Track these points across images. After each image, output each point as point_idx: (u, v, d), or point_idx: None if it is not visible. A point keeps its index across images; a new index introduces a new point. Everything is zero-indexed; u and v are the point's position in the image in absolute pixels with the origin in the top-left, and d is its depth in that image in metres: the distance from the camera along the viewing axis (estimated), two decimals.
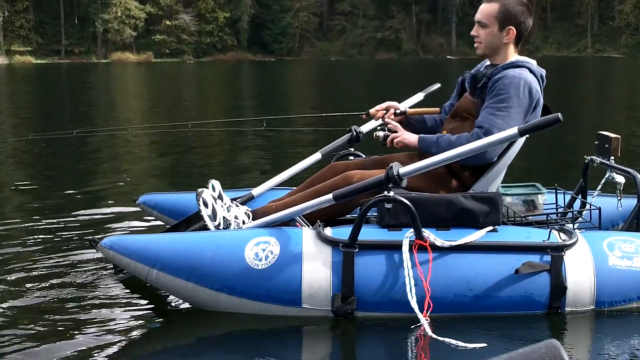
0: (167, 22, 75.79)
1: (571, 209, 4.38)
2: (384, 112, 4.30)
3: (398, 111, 4.28)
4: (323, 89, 27.11)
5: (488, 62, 4.12)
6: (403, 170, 3.50)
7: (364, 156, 4.51)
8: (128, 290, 3.99)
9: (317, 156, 4.70)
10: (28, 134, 8.54)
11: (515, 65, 3.94)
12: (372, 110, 4.36)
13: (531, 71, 3.94)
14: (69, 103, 20.76)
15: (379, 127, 4.25)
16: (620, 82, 30.18)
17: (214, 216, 3.85)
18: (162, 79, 37.11)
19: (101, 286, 4.06)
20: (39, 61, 66.79)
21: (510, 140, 3.62)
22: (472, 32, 4.05)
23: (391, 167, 3.47)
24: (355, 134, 4.56)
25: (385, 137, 4.09)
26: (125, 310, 3.71)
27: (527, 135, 3.66)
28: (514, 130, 3.46)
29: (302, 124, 11.55)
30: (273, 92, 24.77)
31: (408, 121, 4.30)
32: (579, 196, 4.48)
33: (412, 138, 4.00)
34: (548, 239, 3.60)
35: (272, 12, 78.33)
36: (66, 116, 16.22)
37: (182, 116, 15.51)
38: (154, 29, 76.32)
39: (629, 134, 11.27)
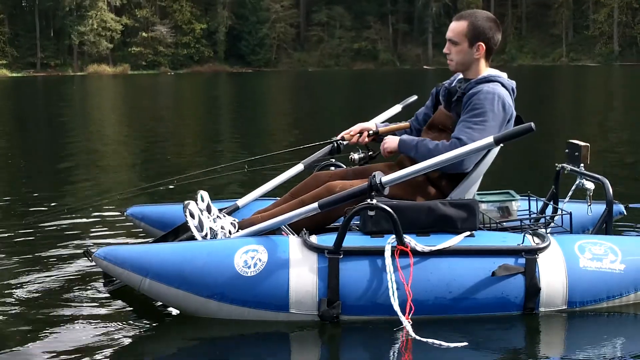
0: (144, 34, 75.74)
1: (544, 215, 4.55)
2: (358, 135, 4.46)
3: (371, 132, 4.44)
4: (301, 100, 27.25)
5: (461, 76, 4.30)
6: (385, 178, 3.67)
7: (344, 166, 4.66)
8: (119, 300, 4.09)
9: (299, 167, 4.86)
10: (7, 148, 8.61)
11: (488, 80, 4.10)
12: (346, 136, 4.49)
13: (503, 85, 4.10)
14: (45, 116, 20.76)
15: (353, 151, 4.42)
16: (594, 90, 30.57)
17: (200, 227, 3.98)
18: (140, 91, 37.08)
19: (92, 296, 4.16)
20: (14, 74, 66.43)
21: (487, 149, 3.79)
22: (445, 50, 4.21)
23: (374, 176, 3.64)
24: (336, 145, 4.72)
25: (361, 159, 4.28)
26: (116, 319, 3.82)
27: (502, 145, 3.85)
28: (490, 139, 3.65)
29: (284, 144, 11.72)
30: (251, 104, 24.89)
31: (380, 139, 4.45)
32: (551, 202, 4.64)
33: (393, 142, 4.17)
34: (522, 243, 3.76)
35: (249, 23, 78.39)
36: (43, 129, 16.24)
37: (160, 130, 15.64)
38: (131, 41, 76.24)
39: (599, 141, 11.53)
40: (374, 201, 3.64)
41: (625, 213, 4.93)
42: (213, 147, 12.21)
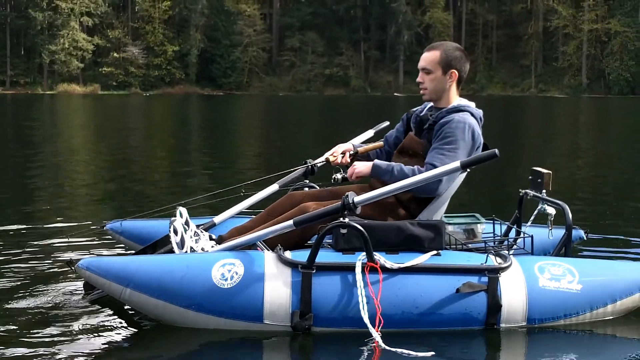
0: (115, 54, 75.49)
1: (507, 237, 4.76)
2: (341, 155, 4.63)
3: (351, 152, 4.62)
4: (273, 124, 27.43)
5: (431, 104, 4.53)
6: (358, 198, 3.87)
7: (318, 187, 4.86)
8: (98, 309, 4.23)
9: (274, 187, 5.06)
10: None
11: (458, 109, 4.33)
12: (330, 157, 4.62)
13: (472, 114, 4.34)
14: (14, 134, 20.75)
15: (334, 171, 4.59)
16: (561, 121, 31.07)
17: (182, 244, 4.17)
18: (112, 111, 37.05)
19: (71, 306, 4.30)
20: None
21: (453, 172, 3.98)
22: (418, 79, 4.42)
23: (347, 195, 3.85)
24: (310, 166, 4.92)
25: (343, 178, 4.47)
26: (95, 328, 3.96)
27: (469, 170, 4.08)
28: (456, 163, 3.86)
29: (258, 166, 11.88)
30: (224, 126, 25.01)
31: (357, 159, 4.65)
32: (515, 226, 4.85)
33: (365, 167, 4.32)
34: (485, 262, 3.98)
35: (221, 46, 78.46)
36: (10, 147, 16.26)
37: (130, 151, 15.75)
38: (102, 61, 75.96)
39: (563, 170, 11.86)
40: (346, 220, 3.85)
41: (585, 238, 5.14)
42: (187, 169, 12.36)
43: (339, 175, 4.47)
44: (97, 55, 76.32)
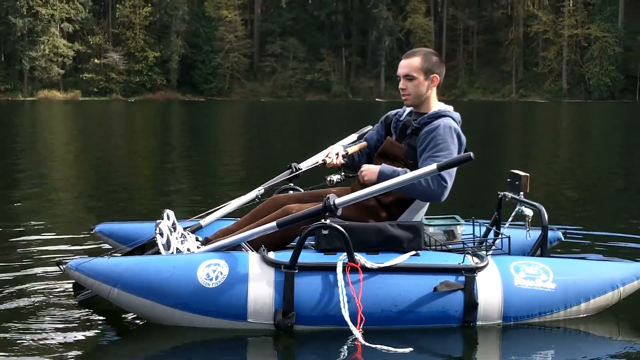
0: (96, 61, 75.29)
1: (486, 238, 4.88)
2: (336, 157, 4.69)
3: (344, 153, 4.71)
4: (255, 129, 27.49)
5: (411, 109, 4.65)
6: (339, 200, 4.00)
7: (302, 190, 4.97)
8: (87, 309, 4.34)
9: (259, 190, 5.17)
10: None
11: (440, 115, 4.48)
12: (327, 159, 4.64)
13: (453, 119, 4.49)
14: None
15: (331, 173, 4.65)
16: (541, 126, 31.37)
17: (168, 246, 4.28)
18: (95, 117, 37.01)
19: (62, 306, 4.41)
20: None
21: (431, 175, 4.10)
22: (401, 86, 4.54)
23: (328, 197, 3.98)
24: (294, 170, 5.04)
25: (338, 180, 4.55)
26: (84, 327, 4.07)
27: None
28: (433, 166, 3.99)
29: (243, 170, 11.95)
30: (206, 131, 25.09)
31: (347, 159, 4.74)
32: (494, 227, 4.99)
33: (372, 174, 4.36)
34: (463, 262, 4.11)
35: (202, 52, 78.40)
36: None
37: (116, 156, 15.80)
38: (82, 67, 75.71)
39: (542, 172, 12.05)
40: (328, 221, 3.97)
41: (563, 239, 5.30)
42: (172, 173, 12.45)
43: (334, 177, 4.53)
44: (77, 62, 76.08)
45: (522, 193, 4.82)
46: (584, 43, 77.47)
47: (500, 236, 4.78)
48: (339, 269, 3.92)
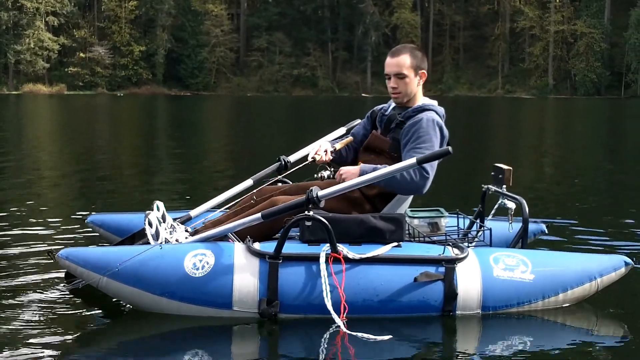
0: (82, 55, 74.93)
1: (468, 230, 4.99)
2: (325, 153, 4.76)
3: (332, 150, 4.80)
4: (243, 124, 27.53)
5: (394, 104, 4.76)
6: (321, 192, 4.11)
7: (291, 183, 5.05)
8: (78, 297, 4.44)
9: (248, 182, 5.24)
10: None
11: (424, 109, 4.59)
12: (317, 157, 4.72)
13: (436, 112, 4.60)
14: None
15: (319, 169, 4.76)
16: (526, 121, 31.57)
17: (156, 236, 4.37)
18: (80, 111, 36.92)
19: (54, 295, 4.51)
20: None
21: (410, 168, 4.21)
22: (392, 85, 4.62)
23: (311, 190, 4.08)
24: (283, 163, 5.12)
25: (329, 176, 4.65)
26: (75, 315, 4.19)
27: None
28: (412, 160, 4.11)
29: (233, 164, 12.01)
30: (194, 126, 25.11)
31: (335, 155, 4.84)
32: (478, 220, 5.10)
33: (352, 175, 4.43)
34: (443, 253, 4.22)
35: (188, 46, 78.15)
36: None
37: (106, 149, 15.83)
38: (68, 61, 75.34)
39: (527, 166, 12.21)
40: (311, 213, 4.07)
41: (547, 231, 5.41)
42: (161, 165, 12.51)
43: (325, 174, 4.64)
44: (63, 55, 75.71)
45: (504, 186, 4.93)
46: (570, 39, 77.85)
47: (482, 228, 4.88)
48: (322, 260, 4.02)
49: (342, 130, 5.39)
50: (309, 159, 4.78)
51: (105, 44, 76.08)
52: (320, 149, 4.75)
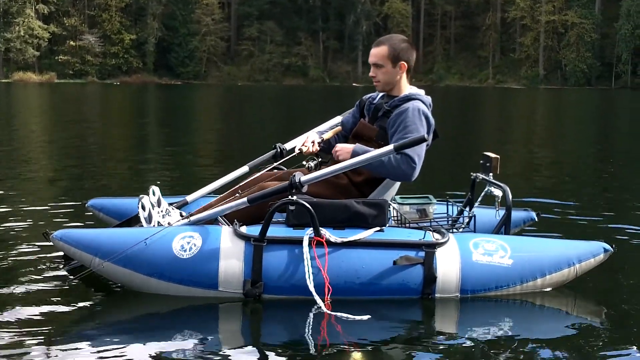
0: (72, 43, 74.86)
1: (453, 217, 5.08)
2: (312, 144, 4.91)
3: (319, 140, 4.94)
4: (234, 113, 27.59)
5: (382, 93, 4.89)
6: (304, 178, 4.24)
7: (285, 169, 5.15)
8: (73, 278, 4.54)
9: (244, 169, 5.38)
10: None
11: (410, 98, 4.72)
12: (304, 148, 4.88)
13: (422, 102, 4.73)
14: None
15: (307, 159, 4.86)
16: (516, 111, 31.71)
17: (149, 219, 4.53)
18: (72, 99, 36.89)
19: (51, 275, 4.64)
20: None
21: (388, 155, 4.37)
22: (371, 74, 4.83)
23: (294, 175, 4.22)
24: (279, 150, 5.24)
25: (316, 165, 4.77)
26: (70, 294, 4.30)
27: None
28: (390, 147, 4.27)
29: (229, 151, 12.07)
30: (186, 115, 25.16)
31: (324, 145, 4.99)
32: (467, 207, 5.23)
33: (347, 154, 4.60)
34: (423, 238, 4.35)
35: (179, 35, 78.13)
36: None
37: (102, 137, 15.91)
38: (58, 49, 75.24)
39: (515, 155, 12.37)
40: (294, 197, 4.20)
41: (537, 219, 5.53)
42: (157, 151, 12.60)
43: (312, 163, 4.76)
44: (53, 44, 75.64)
45: (491, 174, 5.07)
46: (561, 29, 78.15)
47: (465, 215, 5.02)
48: (305, 243, 4.15)
49: (338, 119, 5.49)
50: (296, 150, 4.92)
51: (95, 32, 76.05)
52: (308, 140, 4.89)
